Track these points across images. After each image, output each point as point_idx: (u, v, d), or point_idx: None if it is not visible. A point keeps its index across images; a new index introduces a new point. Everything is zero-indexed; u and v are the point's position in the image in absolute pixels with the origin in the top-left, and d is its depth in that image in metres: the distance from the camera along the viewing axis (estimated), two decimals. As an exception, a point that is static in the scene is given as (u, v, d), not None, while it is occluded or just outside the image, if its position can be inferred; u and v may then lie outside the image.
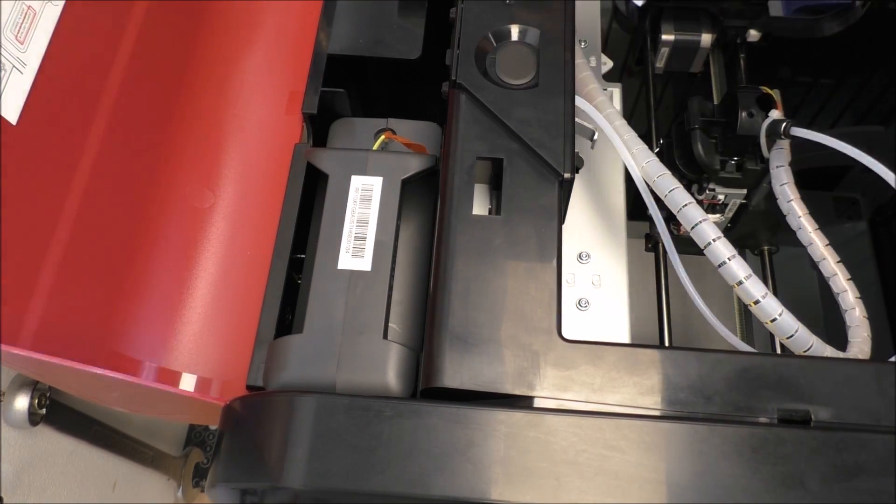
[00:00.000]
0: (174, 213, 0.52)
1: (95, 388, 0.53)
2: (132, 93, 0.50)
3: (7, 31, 0.41)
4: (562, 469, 0.31)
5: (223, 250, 0.52)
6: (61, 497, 0.78)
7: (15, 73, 0.41)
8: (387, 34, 0.47)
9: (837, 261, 0.45)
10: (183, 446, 1.14)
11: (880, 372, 0.34)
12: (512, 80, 0.41)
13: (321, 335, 0.37)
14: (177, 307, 0.50)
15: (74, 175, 0.45)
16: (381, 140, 0.44)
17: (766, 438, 0.31)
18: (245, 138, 0.56)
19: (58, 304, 0.42)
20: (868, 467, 0.31)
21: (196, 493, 1.07)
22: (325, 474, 0.31)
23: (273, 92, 0.57)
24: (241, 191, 0.54)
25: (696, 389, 0.33)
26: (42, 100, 0.42)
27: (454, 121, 0.40)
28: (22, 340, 0.39)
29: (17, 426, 0.69)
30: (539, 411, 0.32)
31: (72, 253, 0.44)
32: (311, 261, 0.40)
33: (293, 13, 0.60)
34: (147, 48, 0.52)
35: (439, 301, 0.36)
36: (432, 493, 0.30)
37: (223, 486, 0.35)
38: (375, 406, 0.33)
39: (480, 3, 0.44)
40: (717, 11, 0.58)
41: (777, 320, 0.39)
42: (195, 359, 0.48)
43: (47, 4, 0.44)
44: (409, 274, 0.40)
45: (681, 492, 0.30)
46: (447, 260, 0.37)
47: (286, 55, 0.59)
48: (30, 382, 0.69)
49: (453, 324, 0.35)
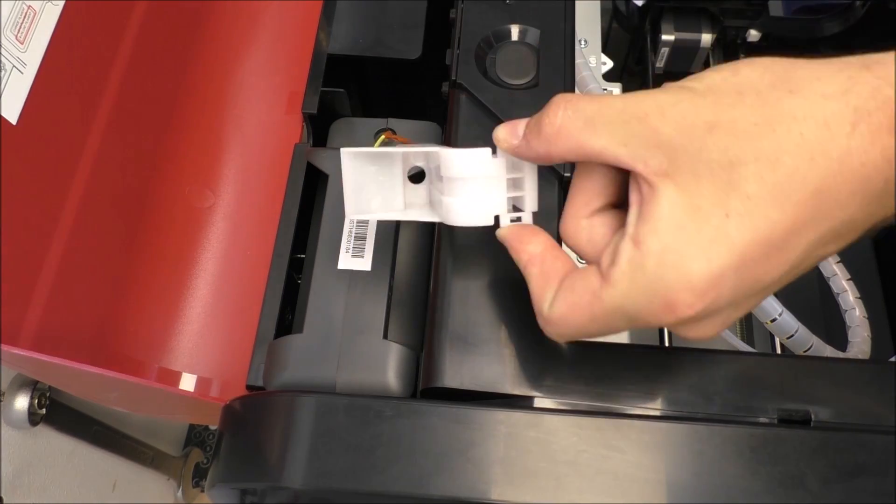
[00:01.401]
0: (174, 213, 0.52)
1: (95, 388, 0.53)
2: (132, 93, 0.50)
3: (7, 31, 0.41)
4: (562, 469, 0.31)
5: (223, 250, 0.52)
6: (61, 497, 0.78)
7: (15, 73, 0.41)
8: (387, 34, 0.47)
9: (837, 261, 0.45)
10: (183, 446, 1.14)
11: (880, 372, 0.34)
12: (512, 80, 0.41)
13: (321, 335, 0.37)
14: (177, 307, 0.50)
15: (74, 175, 0.45)
16: (381, 140, 0.44)
17: (766, 438, 0.31)
18: (245, 138, 0.56)
19: (58, 305, 0.42)
20: (868, 467, 0.31)
21: (196, 493, 1.07)
22: (325, 474, 0.31)
23: (273, 92, 0.57)
24: (241, 191, 0.54)
25: (696, 389, 0.33)
26: (42, 100, 0.42)
27: (454, 121, 0.40)
28: (22, 340, 0.39)
29: (17, 426, 0.69)
30: (539, 411, 0.32)
31: (72, 253, 0.44)
32: (311, 261, 0.40)
33: (293, 13, 0.60)
34: (147, 48, 0.52)
35: (439, 301, 0.36)
36: (432, 492, 0.31)
37: (223, 485, 0.35)
38: (375, 406, 0.33)
39: (480, 3, 0.44)
40: (717, 11, 0.58)
41: (777, 320, 0.39)
42: (195, 359, 0.48)
43: (47, 4, 0.44)
44: (409, 274, 0.40)
45: (681, 492, 0.30)
46: (447, 260, 0.37)
47: (286, 55, 0.59)
48: (30, 382, 0.69)
49: (453, 324, 0.35)
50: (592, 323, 0.28)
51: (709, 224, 0.24)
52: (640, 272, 0.26)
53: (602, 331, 0.28)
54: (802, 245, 0.25)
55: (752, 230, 0.24)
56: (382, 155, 0.35)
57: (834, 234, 0.25)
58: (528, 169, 0.33)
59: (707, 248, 0.24)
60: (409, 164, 0.36)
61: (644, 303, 0.26)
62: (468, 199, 0.32)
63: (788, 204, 0.24)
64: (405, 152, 0.35)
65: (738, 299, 0.26)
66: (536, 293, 0.30)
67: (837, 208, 0.24)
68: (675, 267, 0.25)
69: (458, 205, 0.32)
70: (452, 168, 0.32)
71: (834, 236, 0.25)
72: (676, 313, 0.25)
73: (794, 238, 0.24)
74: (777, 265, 0.25)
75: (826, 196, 0.24)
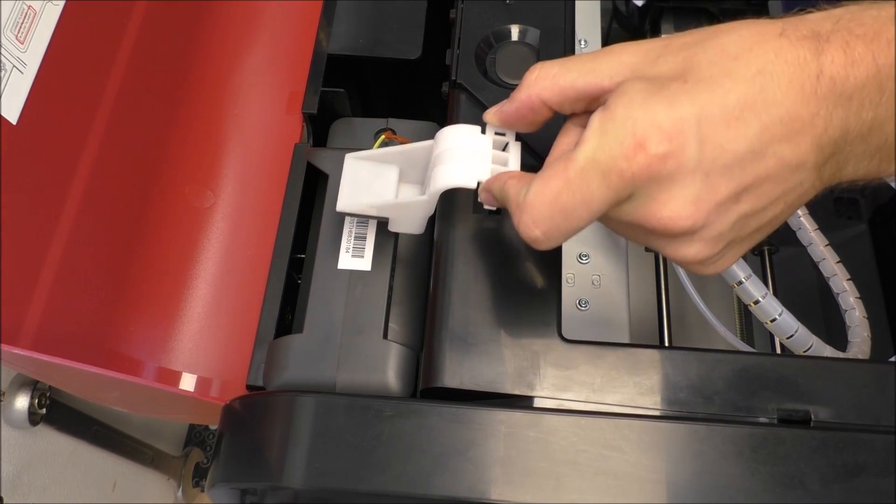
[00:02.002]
0: (174, 213, 0.52)
1: (95, 388, 0.53)
2: (132, 93, 0.50)
3: (7, 31, 0.41)
4: (562, 469, 0.31)
5: (223, 250, 0.52)
6: (61, 497, 0.78)
7: (15, 73, 0.41)
8: (387, 34, 0.47)
9: (837, 261, 0.45)
10: (183, 446, 1.14)
11: (880, 372, 0.34)
12: (512, 80, 0.41)
13: (321, 335, 0.37)
14: (177, 307, 0.50)
15: (74, 175, 0.45)
16: (380, 140, 0.44)
17: (766, 438, 0.31)
18: (245, 138, 0.56)
19: (58, 304, 0.42)
20: (868, 467, 0.31)
21: (196, 493, 1.07)
22: (325, 474, 0.31)
23: (273, 92, 0.57)
24: (241, 191, 0.54)
25: (696, 389, 0.33)
26: (42, 100, 0.42)
27: (454, 121, 0.40)
28: (22, 340, 0.39)
29: (17, 426, 0.69)
30: (539, 411, 0.32)
31: (72, 253, 0.44)
32: (311, 261, 0.40)
33: (293, 13, 0.60)
34: (147, 48, 0.52)
35: (439, 301, 0.36)
36: (432, 492, 0.31)
37: (223, 485, 0.35)
38: (375, 406, 0.33)
39: (480, 3, 0.44)
40: (717, 11, 0.58)
41: (777, 320, 0.39)
42: (195, 359, 0.48)
43: (47, 4, 0.44)
44: (409, 274, 0.40)
45: (681, 492, 0.30)
46: (447, 260, 0.37)
47: (286, 55, 0.59)
48: (30, 382, 0.69)
49: (453, 324, 0.35)
50: (567, 189, 0.29)
51: (670, 88, 0.28)
52: (609, 122, 0.28)
53: (577, 201, 0.29)
54: (756, 124, 0.27)
55: (709, 92, 0.27)
56: (382, 155, 0.36)
57: (784, 127, 0.27)
58: (513, 149, 0.35)
59: (670, 99, 0.28)
60: (407, 163, 0.37)
61: (616, 147, 0.28)
62: (455, 165, 0.34)
63: (738, 78, 0.27)
64: (404, 150, 0.37)
65: (711, 173, 0.28)
66: (513, 194, 0.31)
67: (780, 92, 0.27)
68: (641, 110, 0.28)
69: (446, 169, 0.34)
70: (444, 140, 0.35)
71: (785, 131, 0.27)
72: (648, 150, 0.27)
73: (748, 113, 0.27)
74: (737, 137, 0.27)
75: (768, 77, 0.27)
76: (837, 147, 0.28)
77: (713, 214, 0.29)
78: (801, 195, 0.30)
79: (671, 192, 0.28)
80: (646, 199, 0.29)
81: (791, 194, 0.29)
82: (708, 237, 0.29)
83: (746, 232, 0.30)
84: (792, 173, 0.28)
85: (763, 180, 0.28)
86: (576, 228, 0.30)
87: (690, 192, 0.28)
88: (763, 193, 0.29)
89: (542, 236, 0.30)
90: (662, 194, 0.28)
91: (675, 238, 0.30)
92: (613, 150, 0.28)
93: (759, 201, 0.29)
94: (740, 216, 0.29)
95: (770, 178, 0.28)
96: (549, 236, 0.30)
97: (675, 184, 0.28)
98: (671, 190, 0.28)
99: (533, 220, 0.30)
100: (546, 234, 0.30)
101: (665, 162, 0.27)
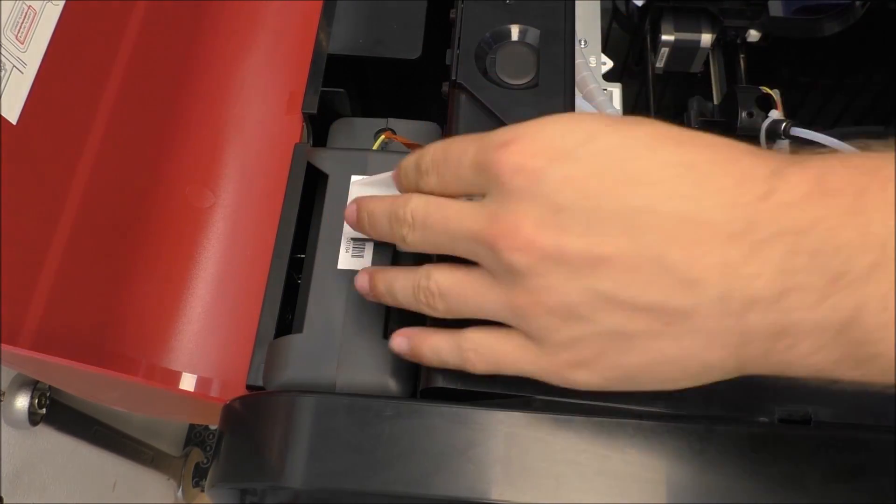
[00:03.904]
0: (174, 213, 0.52)
1: (95, 388, 0.53)
2: (132, 93, 0.50)
3: (7, 31, 0.41)
4: (562, 469, 0.31)
5: (223, 250, 0.52)
6: (61, 497, 0.78)
7: (15, 73, 0.41)
8: (387, 34, 0.47)
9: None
10: (183, 446, 1.14)
11: (880, 372, 0.34)
12: (512, 79, 0.41)
13: (321, 335, 0.37)
14: (177, 307, 0.50)
15: (74, 175, 0.45)
16: (380, 140, 0.44)
17: (767, 438, 0.31)
18: (245, 138, 0.56)
19: (58, 305, 0.42)
20: (868, 467, 0.31)
21: (196, 493, 1.07)
22: (325, 474, 0.31)
23: (273, 92, 0.57)
24: (241, 191, 0.54)
25: (696, 389, 0.33)
26: (42, 100, 0.42)
27: (454, 121, 0.40)
28: (22, 340, 0.39)
29: (17, 426, 0.69)
30: (539, 411, 0.32)
31: (72, 253, 0.44)
32: (311, 261, 0.40)
33: (293, 13, 0.60)
34: (147, 48, 0.52)
35: (439, 301, 0.36)
36: (432, 492, 0.30)
37: (223, 485, 0.35)
38: (375, 406, 0.33)
39: (480, 3, 0.44)
40: (717, 11, 0.58)
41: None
42: (195, 359, 0.48)
43: (47, 4, 0.44)
44: (409, 274, 0.40)
45: (681, 492, 0.30)
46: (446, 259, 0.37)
47: (286, 55, 0.59)
48: (30, 382, 0.70)
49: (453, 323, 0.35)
50: None
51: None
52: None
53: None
54: None
55: None
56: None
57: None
58: None
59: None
60: None
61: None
62: None
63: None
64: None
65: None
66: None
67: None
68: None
69: None
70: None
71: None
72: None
73: None
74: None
75: None
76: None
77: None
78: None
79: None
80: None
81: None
82: (550, 299, 0.27)
83: (607, 337, 0.27)
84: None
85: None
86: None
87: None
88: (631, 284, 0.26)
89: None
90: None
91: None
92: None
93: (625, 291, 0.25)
94: (597, 293, 0.26)
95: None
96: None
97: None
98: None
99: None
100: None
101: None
